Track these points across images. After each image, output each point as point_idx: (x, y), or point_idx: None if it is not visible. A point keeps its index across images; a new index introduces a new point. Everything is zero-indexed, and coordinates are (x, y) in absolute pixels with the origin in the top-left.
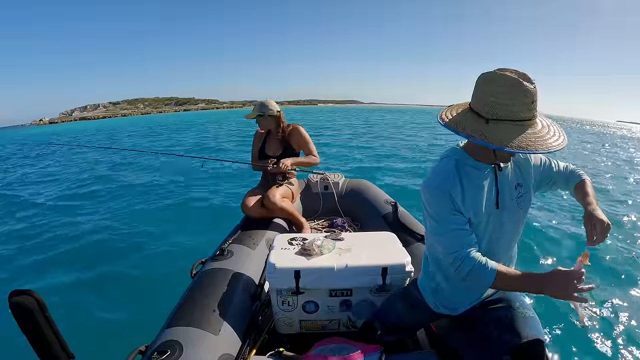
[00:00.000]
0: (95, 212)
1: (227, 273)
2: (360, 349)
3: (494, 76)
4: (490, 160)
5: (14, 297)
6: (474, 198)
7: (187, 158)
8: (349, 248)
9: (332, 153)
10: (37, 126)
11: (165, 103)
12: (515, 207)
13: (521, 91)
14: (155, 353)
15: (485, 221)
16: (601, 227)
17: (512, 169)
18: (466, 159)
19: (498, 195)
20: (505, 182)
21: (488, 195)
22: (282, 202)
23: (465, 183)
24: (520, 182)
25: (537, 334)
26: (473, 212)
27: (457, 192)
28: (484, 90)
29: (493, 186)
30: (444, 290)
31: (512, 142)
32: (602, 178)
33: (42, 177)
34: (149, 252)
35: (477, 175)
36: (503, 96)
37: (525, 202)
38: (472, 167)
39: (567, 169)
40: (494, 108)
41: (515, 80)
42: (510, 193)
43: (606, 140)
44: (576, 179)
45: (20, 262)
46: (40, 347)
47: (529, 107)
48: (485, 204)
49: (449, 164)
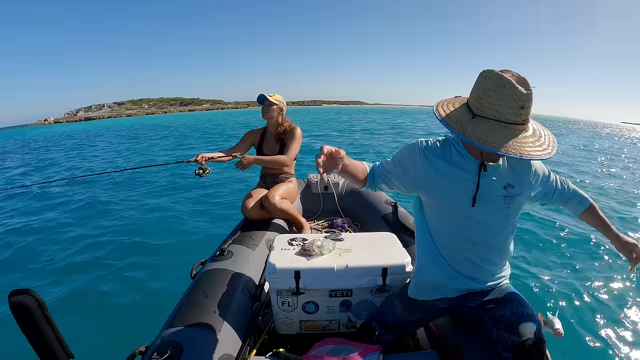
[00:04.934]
0: (95, 210)
1: (227, 273)
2: (360, 349)
3: (490, 74)
4: (478, 157)
5: (14, 296)
6: (444, 180)
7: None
8: (349, 248)
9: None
10: (42, 126)
11: (170, 103)
12: (501, 206)
13: (511, 94)
14: (155, 353)
15: (455, 202)
16: (638, 251)
17: (504, 169)
18: (458, 144)
19: (476, 193)
20: (490, 181)
21: (463, 187)
22: (282, 203)
23: (444, 157)
24: (512, 183)
25: (537, 333)
26: (437, 193)
27: (428, 155)
28: (478, 85)
29: (473, 182)
30: (419, 269)
31: (487, 140)
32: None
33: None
34: (149, 253)
35: (460, 162)
36: (492, 94)
37: (516, 204)
38: (458, 154)
39: (569, 189)
40: (482, 105)
41: (508, 81)
42: (495, 191)
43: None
44: (584, 203)
45: (21, 262)
46: (40, 347)
47: (517, 110)
48: (455, 193)
49: (439, 141)
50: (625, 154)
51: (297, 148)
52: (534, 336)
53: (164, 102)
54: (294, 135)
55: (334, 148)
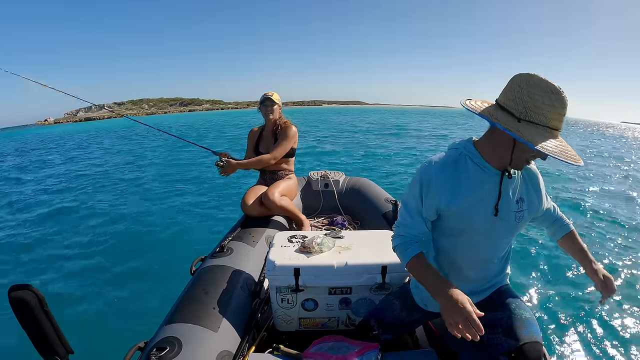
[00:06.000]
0: (95, 209)
1: (226, 270)
2: (358, 347)
3: (534, 78)
4: (501, 165)
5: (14, 291)
6: (466, 195)
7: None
8: (348, 246)
9: (335, 152)
10: (43, 126)
11: (170, 103)
12: (512, 220)
13: (559, 99)
14: (155, 349)
15: (476, 223)
16: (611, 284)
17: (520, 182)
18: (473, 155)
19: (498, 202)
20: (508, 193)
21: (486, 199)
22: (281, 200)
23: (462, 178)
24: (524, 197)
25: (535, 336)
26: (459, 209)
27: (446, 185)
28: (521, 90)
29: (495, 192)
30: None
31: (542, 145)
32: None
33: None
34: (149, 249)
35: (479, 174)
36: (541, 99)
37: (523, 220)
38: (476, 165)
39: (555, 211)
40: (528, 109)
41: (555, 88)
42: (510, 204)
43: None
44: (565, 229)
45: (21, 257)
46: (40, 342)
47: (561, 117)
48: (479, 206)
49: (451, 157)
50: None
51: (286, 146)
52: (531, 340)
53: (163, 102)
54: (287, 134)
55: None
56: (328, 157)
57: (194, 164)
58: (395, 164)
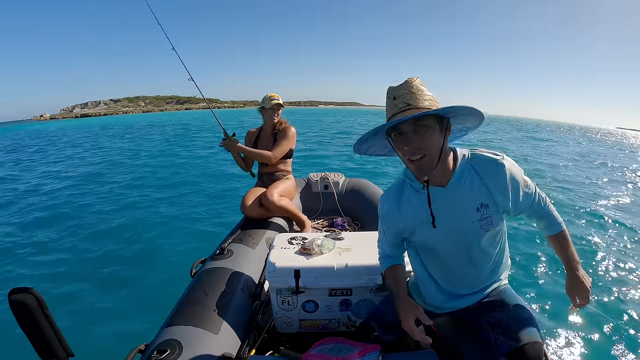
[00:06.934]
0: (95, 210)
1: (226, 272)
2: (359, 348)
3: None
4: (419, 178)
5: (14, 294)
6: (410, 219)
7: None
8: (349, 247)
9: (333, 154)
10: (38, 122)
11: (167, 101)
12: (478, 229)
13: (388, 92)
14: (155, 352)
15: (433, 241)
16: (585, 295)
17: (477, 189)
18: (411, 179)
19: (432, 215)
20: (452, 204)
21: (420, 214)
22: (281, 200)
23: (403, 203)
24: (488, 202)
25: (534, 337)
26: (410, 233)
27: (394, 213)
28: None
29: (425, 206)
30: (416, 288)
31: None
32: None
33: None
34: (149, 251)
35: (416, 196)
36: (386, 102)
37: (493, 224)
38: (412, 188)
39: (546, 207)
40: (386, 113)
41: (389, 87)
42: (466, 215)
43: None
44: (554, 228)
45: (21, 260)
46: (40, 345)
47: (393, 103)
48: (425, 226)
49: (395, 185)
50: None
51: (286, 146)
52: (531, 341)
53: (160, 100)
54: (286, 134)
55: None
56: (327, 159)
57: (194, 165)
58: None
